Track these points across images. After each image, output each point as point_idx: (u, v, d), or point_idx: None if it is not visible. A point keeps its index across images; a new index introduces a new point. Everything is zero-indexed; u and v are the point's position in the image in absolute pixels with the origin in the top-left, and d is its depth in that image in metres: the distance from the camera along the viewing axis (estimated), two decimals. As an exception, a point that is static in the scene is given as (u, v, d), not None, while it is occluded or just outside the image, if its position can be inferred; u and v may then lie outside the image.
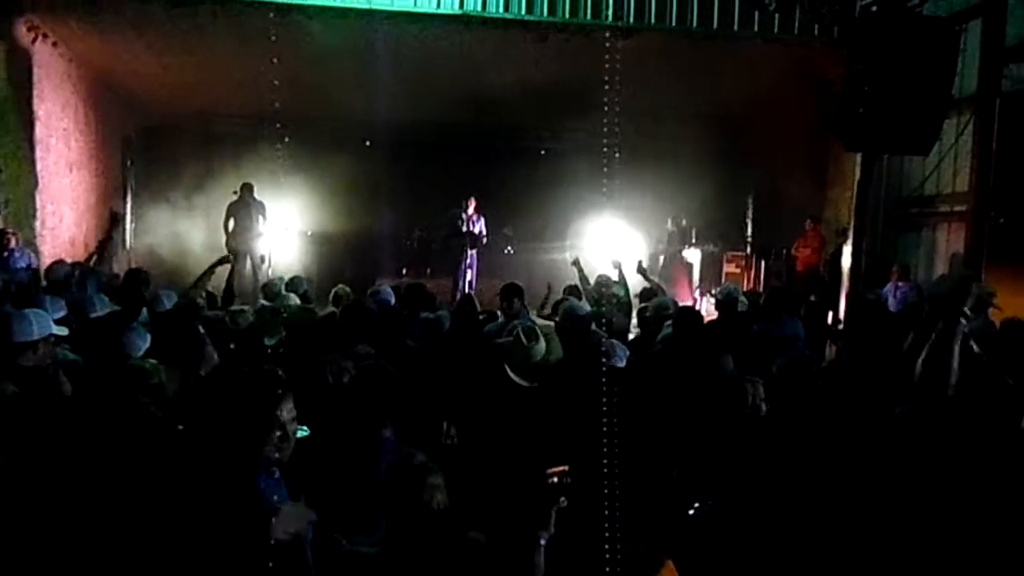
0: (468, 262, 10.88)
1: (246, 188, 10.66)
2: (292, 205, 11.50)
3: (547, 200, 12.20)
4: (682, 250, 12.02)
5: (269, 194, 10.82)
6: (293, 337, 4.14)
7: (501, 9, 8.12)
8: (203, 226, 11.09)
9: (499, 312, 5.20)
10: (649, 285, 6.68)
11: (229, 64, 9.85)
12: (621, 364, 3.41)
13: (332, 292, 6.48)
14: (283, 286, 5.92)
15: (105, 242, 7.41)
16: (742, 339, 4.73)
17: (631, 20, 8.24)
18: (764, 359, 4.12)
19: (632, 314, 6.35)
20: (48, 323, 3.21)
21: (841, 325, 8.42)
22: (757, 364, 3.85)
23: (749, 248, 12.16)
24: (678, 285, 11.50)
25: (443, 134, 12.41)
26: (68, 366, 3.43)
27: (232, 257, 6.81)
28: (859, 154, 9.19)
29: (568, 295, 6.23)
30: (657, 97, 9.39)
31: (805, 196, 11.26)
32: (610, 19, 8.19)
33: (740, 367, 3.49)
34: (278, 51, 6.86)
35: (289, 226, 11.49)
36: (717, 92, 9.69)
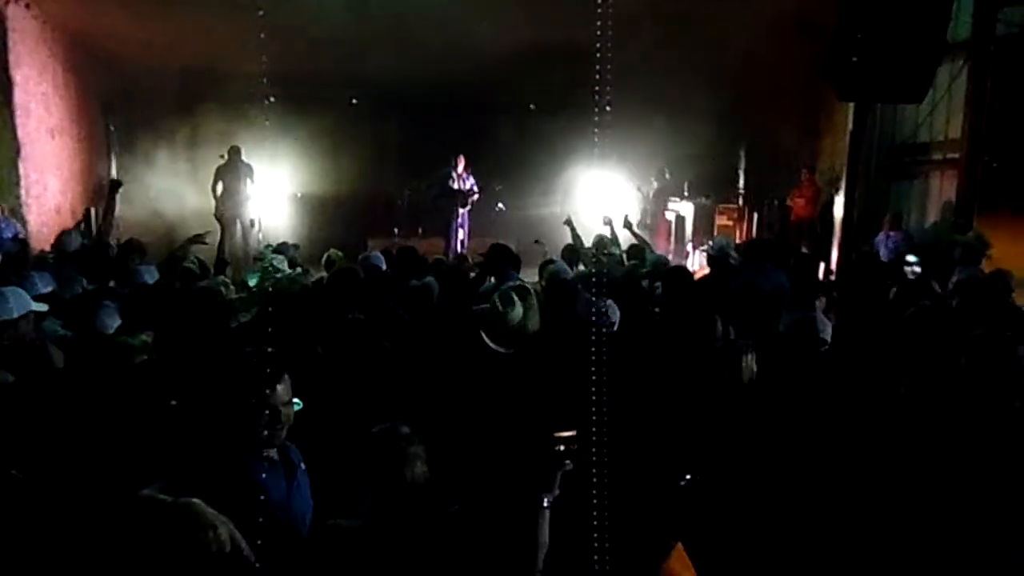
0: (459, 221, 10.82)
1: (234, 151, 10.51)
2: (281, 167, 11.36)
3: (538, 156, 12.06)
4: (666, 204, 11.95)
5: (256, 156, 10.67)
6: (281, 307, 4.11)
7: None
8: (191, 190, 10.96)
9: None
10: (636, 242, 6.66)
11: (210, 21, 9.59)
12: (615, 324, 3.39)
13: (324, 256, 6.46)
14: (271, 252, 5.86)
15: (108, 211, 7.03)
16: (727, 292, 4.71)
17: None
18: (748, 311, 4.12)
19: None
20: (26, 301, 3.19)
21: (833, 277, 8.43)
22: (741, 317, 3.83)
23: (742, 200, 12.10)
24: (662, 239, 11.49)
25: (432, 91, 12.20)
26: (59, 341, 3.42)
27: (219, 221, 6.71)
28: (852, 103, 9.09)
29: (566, 255, 6.19)
30: (648, 49, 9.22)
31: (798, 146, 11.17)
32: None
33: (725, 322, 3.46)
34: (261, 7, 6.67)
35: (279, 189, 11.36)
36: (710, 42, 9.52)
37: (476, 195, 10.99)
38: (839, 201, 10.15)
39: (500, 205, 12.24)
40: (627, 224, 6.74)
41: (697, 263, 9.94)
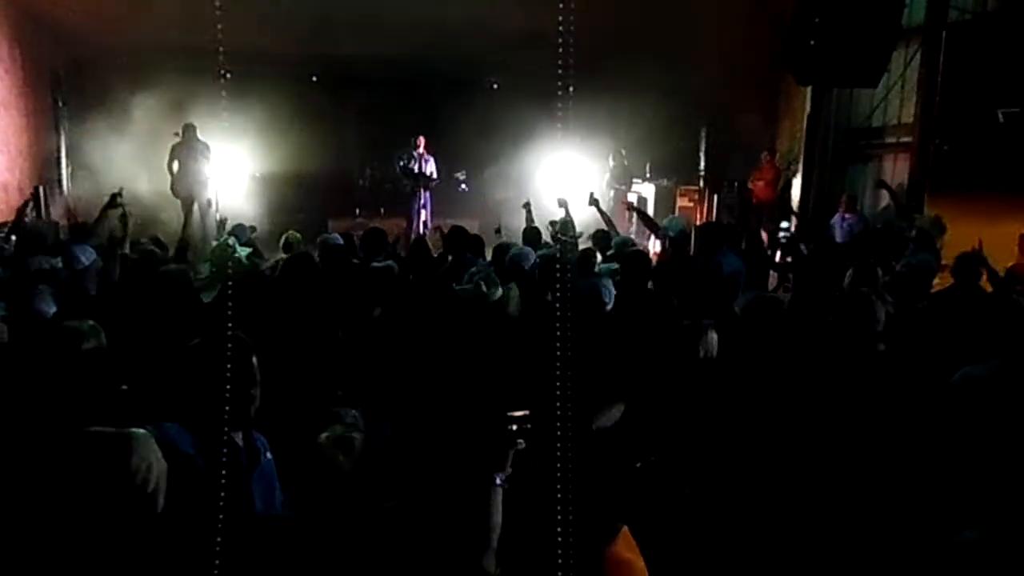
0: (421, 202, 10.74)
1: (189, 128, 10.23)
2: (238, 146, 11.10)
3: (500, 136, 12.00)
4: (627, 186, 11.99)
5: (213, 135, 10.40)
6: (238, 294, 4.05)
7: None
8: (144, 168, 10.64)
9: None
10: (603, 225, 6.68)
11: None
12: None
13: (282, 238, 6.38)
14: (226, 236, 5.76)
15: (100, 218, 6.66)
16: (687, 276, 4.79)
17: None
18: (704, 294, 4.20)
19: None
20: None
21: (789, 259, 8.59)
22: (698, 300, 3.90)
23: (702, 182, 12.23)
24: (622, 220, 11.53)
25: (395, 69, 12.03)
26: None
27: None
28: (809, 87, 9.23)
29: (528, 239, 6.18)
30: (608, 30, 9.22)
31: (757, 129, 11.30)
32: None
33: (684, 305, 3.52)
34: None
35: (237, 168, 11.11)
36: (669, 25, 9.56)
37: (436, 181, 10.92)
38: (796, 183, 10.33)
39: (463, 184, 12.20)
40: (593, 201, 6.72)
41: (658, 245, 10.02)
